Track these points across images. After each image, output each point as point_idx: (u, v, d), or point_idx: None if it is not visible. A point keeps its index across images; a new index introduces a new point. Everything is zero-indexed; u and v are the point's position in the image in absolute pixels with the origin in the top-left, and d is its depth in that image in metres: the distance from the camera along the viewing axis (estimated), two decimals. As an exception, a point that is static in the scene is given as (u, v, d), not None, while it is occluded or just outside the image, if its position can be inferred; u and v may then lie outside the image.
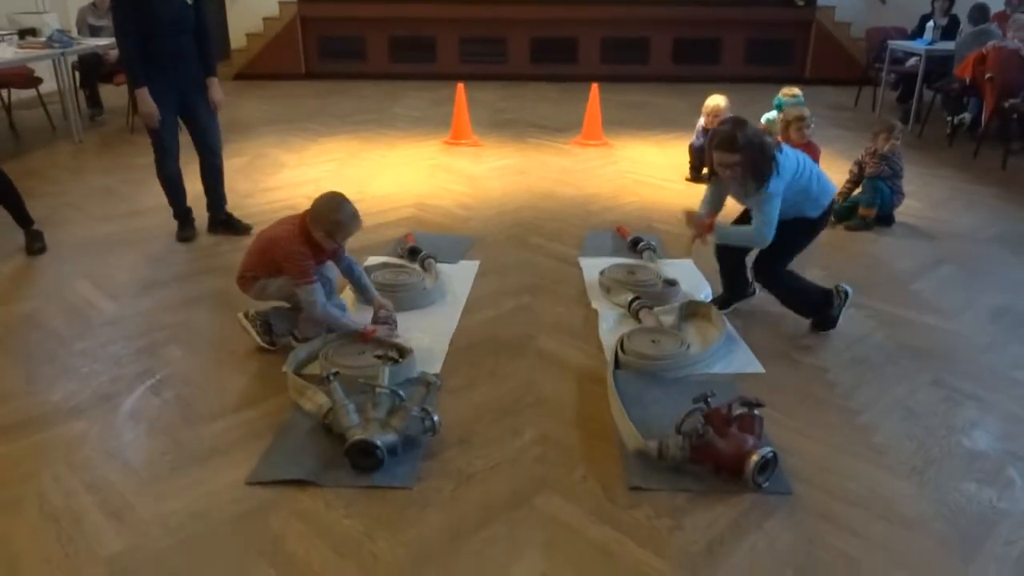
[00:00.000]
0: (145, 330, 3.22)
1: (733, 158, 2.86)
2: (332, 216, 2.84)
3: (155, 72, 3.78)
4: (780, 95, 5.28)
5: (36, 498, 2.21)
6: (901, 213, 4.64)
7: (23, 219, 4.08)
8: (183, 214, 4.29)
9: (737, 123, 2.88)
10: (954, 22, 7.79)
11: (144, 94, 3.77)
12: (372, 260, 3.88)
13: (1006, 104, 5.95)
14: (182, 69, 3.89)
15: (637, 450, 2.37)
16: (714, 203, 3.25)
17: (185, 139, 4.17)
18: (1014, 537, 2.11)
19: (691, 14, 9.42)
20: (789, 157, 2.96)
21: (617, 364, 2.90)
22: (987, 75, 6.07)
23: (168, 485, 2.27)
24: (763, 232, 2.95)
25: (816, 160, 4.64)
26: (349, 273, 3.17)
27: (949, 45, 7.06)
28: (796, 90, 5.25)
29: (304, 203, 4.83)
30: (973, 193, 5.28)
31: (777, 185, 2.89)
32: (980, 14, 6.91)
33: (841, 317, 3.21)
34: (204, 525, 2.11)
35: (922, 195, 5.14)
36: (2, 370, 2.90)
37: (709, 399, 2.37)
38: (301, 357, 2.90)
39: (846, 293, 3.22)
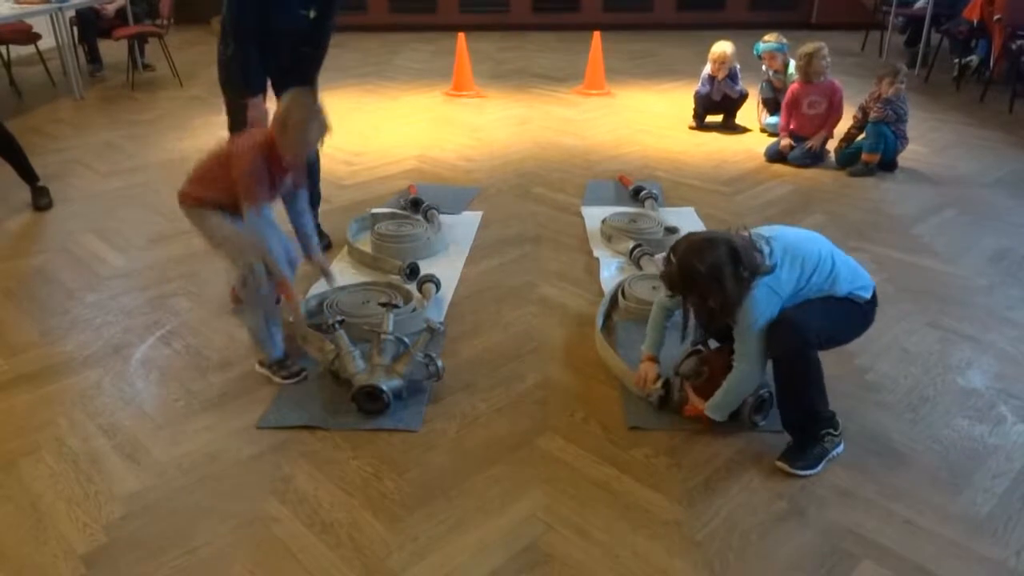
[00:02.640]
0: (154, 282, 3.27)
1: (683, 298, 2.20)
2: (294, 111, 2.40)
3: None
4: (759, 42, 5.25)
5: (55, 443, 2.29)
6: (905, 158, 4.63)
7: (28, 175, 4.11)
8: None
9: (693, 249, 2.05)
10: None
11: (258, 102, 3.14)
12: (377, 211, 3.90)
13: (1013, 45, 5.86)
14: (286, 76, 3.21)
15: (648, 394, 2.42)
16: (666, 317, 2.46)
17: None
18: (1002, 470, 2.17)
19: (696, -41, 9.25)
20: (788, 263, 2.12)
21: (614, 310, 2.94)
22: (995, 16, 5.98)
23: (181, 429, 2.34)
24: (747, 374, 2.19)
25: (840, 101, 4.66)
26: (296, 216, 2.70)
27: (958, -14, 6.92)
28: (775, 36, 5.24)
29: (307, 156, 4.88)
30: (978, 138, 5.24)
31: (761, 312, 2.09)
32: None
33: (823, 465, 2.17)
34: (217, 466, 2.19)
35: (926, 140, 5.11)
36: (16, 322, 2.97)
37: (708, 340, 2.42)
38: (310, 307, 2.95)
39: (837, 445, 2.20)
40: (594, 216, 3.84)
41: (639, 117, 5.79)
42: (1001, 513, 2.02)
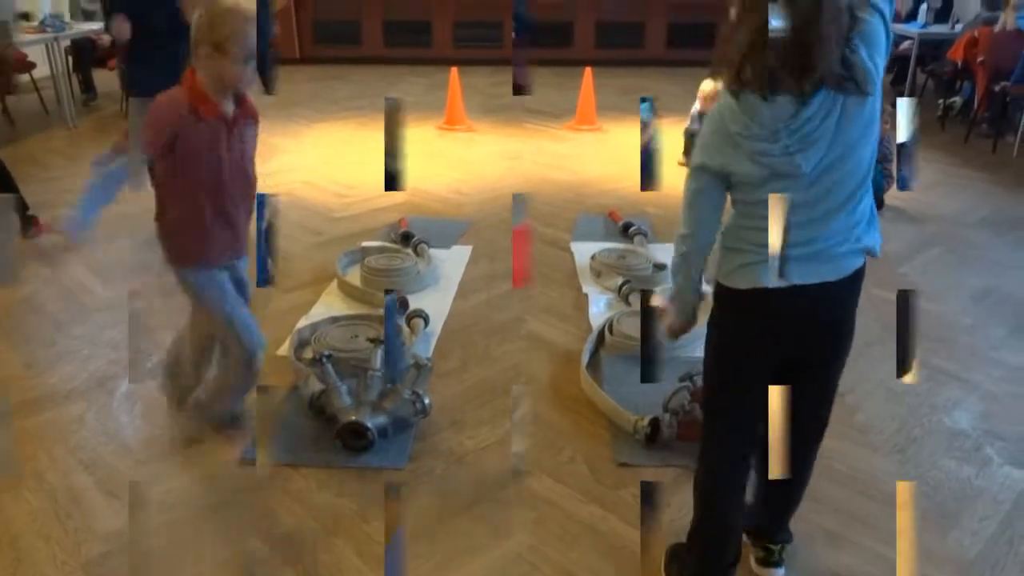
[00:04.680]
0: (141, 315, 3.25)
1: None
2: (221, 26, 2.02)
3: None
4: None
5: (35, 478, 2.25)
6: (890, 197, 4.68)
7: (18, 205, 4.10)
8: None
9: None
10: (948, 5, 7.78)
11: (120, 19, 3.55)
12: (367, 244, 3.90)
13: (996, 88, 5.97)
14: None
15: (638, 426, 2.41)
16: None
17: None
18: (989, 513, 2.17)
19: (686, -3, 9.41)
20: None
21: (601, 346, 2.94)
22: (979, 58, 6.09)
23: (164, 465, 2.32)
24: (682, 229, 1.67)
25: None
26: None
27: (942, 28, 7.06)
28: None
29: (300, 189, 4.91)
30: (962, 177, 5.32)
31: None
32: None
33: None
34: (199, 503, 2.16)
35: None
36: (1, 353, 2.94)
37: (695, 377, 2.42)
38: (303, 336, 2.95)
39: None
40: (583, 252, 3.86)
41: (630, 153, 5.84)
42: (988, 556, 2.01)
